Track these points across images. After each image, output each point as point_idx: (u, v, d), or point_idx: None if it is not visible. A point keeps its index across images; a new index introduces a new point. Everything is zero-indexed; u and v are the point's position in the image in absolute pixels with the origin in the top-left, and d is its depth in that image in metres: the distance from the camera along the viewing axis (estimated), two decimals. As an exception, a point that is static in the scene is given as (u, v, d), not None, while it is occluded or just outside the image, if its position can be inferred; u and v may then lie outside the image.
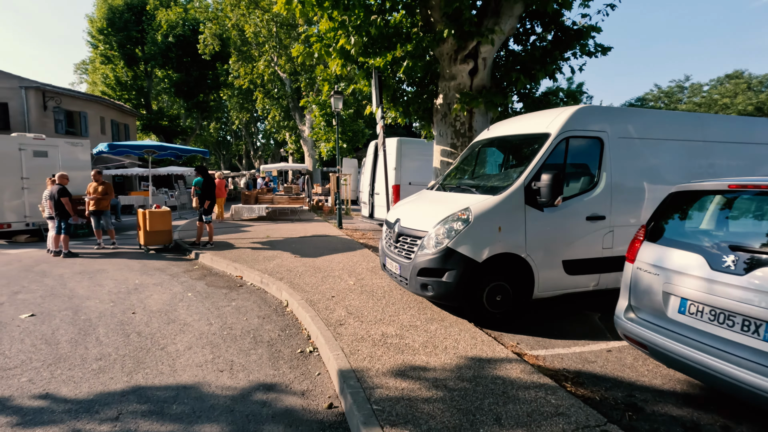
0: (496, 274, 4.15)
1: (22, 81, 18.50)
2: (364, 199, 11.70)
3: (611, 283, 4.58)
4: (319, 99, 15.77)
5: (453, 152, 6.84)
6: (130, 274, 6.60)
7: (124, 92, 29.49)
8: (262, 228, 11.38)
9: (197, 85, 30.00)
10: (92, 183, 8.86)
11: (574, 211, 4.32)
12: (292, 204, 13.56)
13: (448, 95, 6.84)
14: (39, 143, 10.30)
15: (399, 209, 5.12)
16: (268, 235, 10.01)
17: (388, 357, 3.35)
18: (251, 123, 44.29)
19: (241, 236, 9.92)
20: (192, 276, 6.53)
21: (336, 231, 10.77)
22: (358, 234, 10.52)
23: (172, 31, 27.12)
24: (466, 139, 6.76)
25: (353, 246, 8.48)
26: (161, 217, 8.35)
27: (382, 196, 10.63)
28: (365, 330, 3.95)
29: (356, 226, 12.52)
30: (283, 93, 24.96)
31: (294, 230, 10.85)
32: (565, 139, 4.31)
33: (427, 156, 10.54)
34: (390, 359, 3.31)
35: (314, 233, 10.33)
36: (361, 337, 3.76)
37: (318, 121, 15.94)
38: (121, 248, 8.89)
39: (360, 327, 4.03)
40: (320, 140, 16.18)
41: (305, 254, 7.60)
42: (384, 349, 3.53)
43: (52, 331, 4.22)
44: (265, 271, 6.28)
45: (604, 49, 7.02)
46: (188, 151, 9.23)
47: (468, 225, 4.02)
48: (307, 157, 25.30)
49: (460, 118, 6.76)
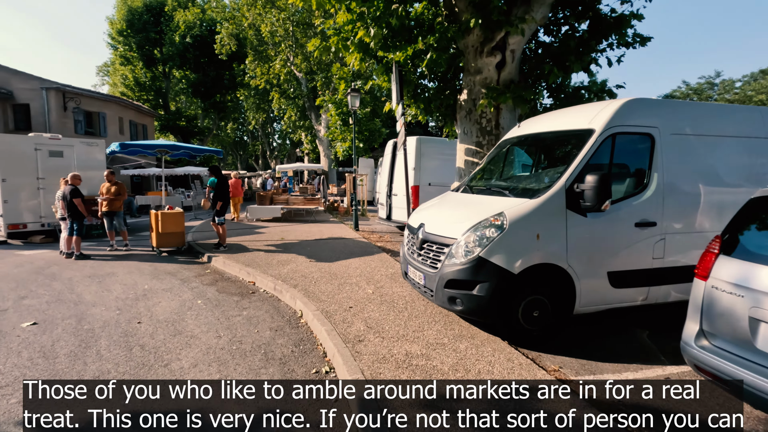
0: (534, 287, 3.71)
1: (43, 82, 18.72)
2: (381, 201, 11.32)
3: (661, 298, 4.09)
4: (336, 98, 15.47)
5: (478, 151, 6.40)
6: (140, 278, 6.36)
7: (143, 93, 29.79)
8: (276, 230, 11.10)
9: (214, 86, 30.12)
10: (105, 183, 8.69)
11: (621, 216, 3.84)
12: (307, 205, 13.28)
13: (473, 90, 6.40)
14: (55, 143, 10.22)
15: (422, 213, 4.71)
16: (282, 237, 9.71)
17: (416, 383, 2.95)
18: (267, 123, 44.46)
19: (255, 238, 9.65)
20: (203, 281, 6.25)
21: (352, 233, 10.42)
22: (375, 237, 10.14)
23: (190, 32, 27.25)
24: (492, 137, 6.31)
25: (371, 250, 8.10)
26: (174, 218, 8.12)
27: (401, 197, 10.24)
28: (387, 348, 3.56)
29: (373, 228, 12.15)
30: (299, 92, 24.79)
31: (309, 232, 10.54)
32: (611, 135, 3.84)
33: (448, 155, 10.10)
34: (417, 386, 2.91)
35: (330, 235, 9.99)
36: (383, 357, 3.38)
37: (334, 120, 15.65)
38: (133, 250, 8.70)
39: (381, 344, 3.64)
40: (336, 140, 15.89)
41: (321, 258, 7.26)
42: (409, 372, 3.13)
43: (53, 342, 3.95)
44: (279, 277, 5.95)
45: (643, 39, 6.49)
46: (202, 151, 9.01)
47: (502, 232, 3.60)
48: (323, 157, 25.08)
49: (486, 115, 6.32)
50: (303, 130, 27.49)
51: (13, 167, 9.76)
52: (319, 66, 23.10)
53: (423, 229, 4.30)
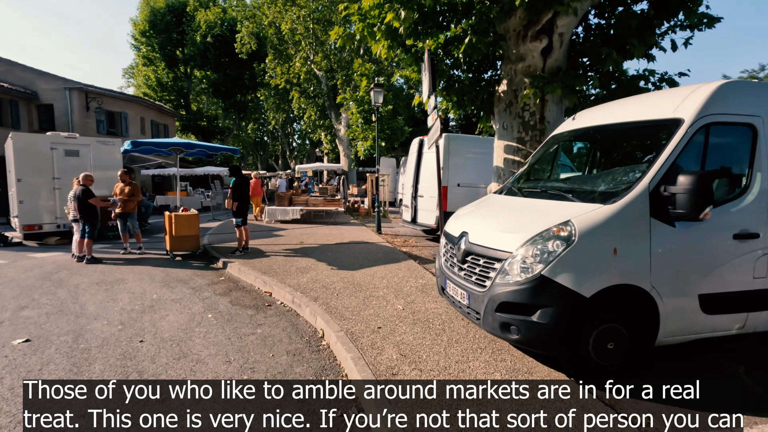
0: (608, 313, 3.02)
1: (66, 82, 18.81)
2: (405, 202, 10.68)
3: (762, 325, 3.33)
4: (357, 95, 14.93)
5: (520, 148, 5.70)
6: (149, 286, 5.90)
7: (165, 93, 29.95)
8: (296, 232, 10.60)
9: (234, 86, 30.05)
10: (118, 183, 8.34)
11: (717, 226, 3.10)
12: (327, 206, 12.76)
13: (514, 80, 5.71)
14: (71, 142, 9.97)
15: (464, 219, 4.06)
16: (301, 241, 9.19)
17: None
18: (287, 123, 44.43)
19: (273, 242, 9.15)
20: (216, 290, 5.74)
21: (375, 237, 9.82)
22: (399, 241, 9.52)
23: (211, 32, 27.21)
24: (536, 132, 5.60)
25: (396, 256, 7.48)
26: (188, 221, 7.68)
27: (427, 198, 9.59)
28: (428, 386, 2.92)
29: (396, 230, 11.53)
30: (319, 91, 24.39)
31: (330, 235, 9.99)
32: (704, 126, 3.11)
33: (478, 154, 9.41)
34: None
35: (351, 239, 9.42)
36: (425, 403, 2.74)
37: (355, 118, 15.09)
38: (147, 253, 8.31)
39: (419, 378, 3.01)
40: (357, 138, 15.34)
41: (343, 265, 6.68)
42: (460, 424, 2.49)
43: (41, 366, 3.47)
44: (298, 288, 5.38)
45: (711, 20, 5.65)
46: (218, 149, 8.58)
47: (570, 245, 2.91)
48: (343, 157, 24.60)
49: (529, 108, 5.61)
50: (323, 129, 27.09)
51: (29, 167, 9.54)
52: (339, 64, 22.64)
53: (466, 239, 3.65)
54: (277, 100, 31.51)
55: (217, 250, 8.12)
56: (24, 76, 18.48)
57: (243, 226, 7.88)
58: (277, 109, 32.98)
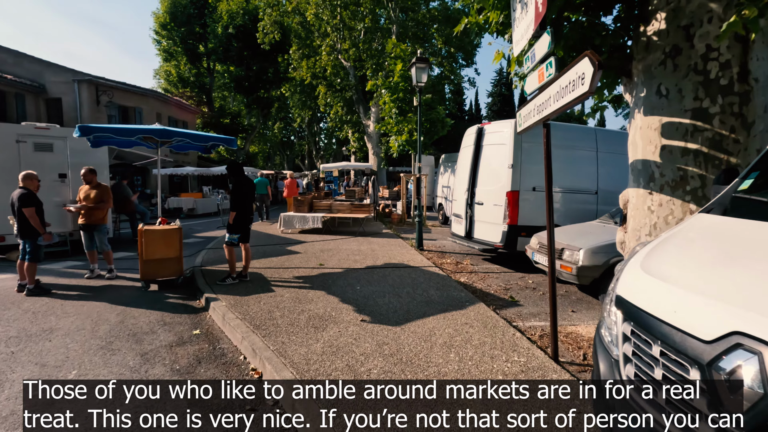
0: None
1: (76, 74, 17.41)
2: (456, 211, 8.26)
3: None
4: (390, 81, 12.63)
5: (699, 127, 3.22)
6: (80, 347, 3.79)
7: (186, 89, 28.59)
8: (315, 248, 8.39)
9: (258, 80, 28.36)
10: (83, 186, 6.36)
11: None
12: (354, 213, 10.51)
13: (684, 10, 3.24)
14: (42, 134, 8.11)
15: (690, 282, 1.66)
16: (321, 263, 6.95)
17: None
18: (314, 122, 42.77)
19: (283, 263, 6.96)
20: (178, 361, 3.55)
21: (416, 255, 7.48)
22: (449, 262, 7.16)
23: (232, 22, 25.57)
24: (732, 99, 3.11)
25: (455, 293, 5.12)
26: (164, 239, 5.56)
27: (489, 208, 7.16)
28: None
29: (440, 244, 9.16)
30: (346, 83, 22.28)
31: (358, 253, 7.73)
32: None
33: (567, 147, 6.96)
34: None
35: (387, 260, 7.11)
36: None
37: (387, 108, 12.75)
38: (121, 277, 6.29)
39: None
40: (390, 133, 13.03)
41: (379, 313, 4.38)
42: None
43: None
44: (307, 367, 3.12)
45: None
46: (206, 139, 6.47)
47: None
48: (371, 155, 22.38)
49: (719, 56, 3.14)
50: (349, 126, 24.96)
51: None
52: (368, 52, 20.44)
53: (717, 341, 1.27)
54: (303, 97, 29.63)
55: (208, 275, 5.98)
56: (32, 68, 17.18)
57: (244, 243, 5.73)
58: (302, 107, 31.11)
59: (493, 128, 7.35)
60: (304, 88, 27.89)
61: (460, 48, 24.08)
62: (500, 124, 7.22)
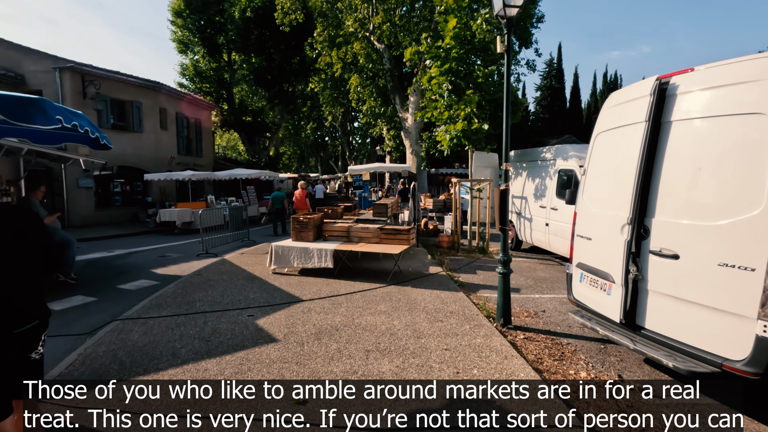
0: None
1: (57, 61, 14.60)
2: (595, 263, 4.04)
3: None
4: (439, 47, 8.61)
5: None
6: None
7: (205, 84, 25.78)
8: (309, 321, 4.49)
9: (281, 72, 25.09)
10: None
11: None
12: (385, 246, 6.56)
13: None
14: None
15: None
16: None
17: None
18: (346, 121, 39.42)
19: (207, 394, 3.12)
20: None
21: (501, 348, 3.35)
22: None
23: (251, 4, 22.43)
24: None
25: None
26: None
27: (695, 266, 2.91)
28: None
29: (536, 307, 4.99)
30: (379, 68, 18.48)
31: (388, 343, 3.74)
32: None
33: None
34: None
35: (451, 370, 3.04)
36: None
37: (435, 85, 8.67)
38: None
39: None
40: (440, 121, 9.06)
41: None
42: None
43: None
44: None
45: None
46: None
47: None
48: (410, 155, 18.44)
49: None
50: (383, 121, 21.09)
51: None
52: (405, 27, 16.52)
53: None
54: (334, 92, 26.12)
55: None
56: (9, 56, 14.54)
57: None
58: (333, 103, 27.63)
59: (706, 78, 3.15)
60: (334, 83, 24.38)
61: (517, 23, 19.74)
62: (725, 67, 3.02)
